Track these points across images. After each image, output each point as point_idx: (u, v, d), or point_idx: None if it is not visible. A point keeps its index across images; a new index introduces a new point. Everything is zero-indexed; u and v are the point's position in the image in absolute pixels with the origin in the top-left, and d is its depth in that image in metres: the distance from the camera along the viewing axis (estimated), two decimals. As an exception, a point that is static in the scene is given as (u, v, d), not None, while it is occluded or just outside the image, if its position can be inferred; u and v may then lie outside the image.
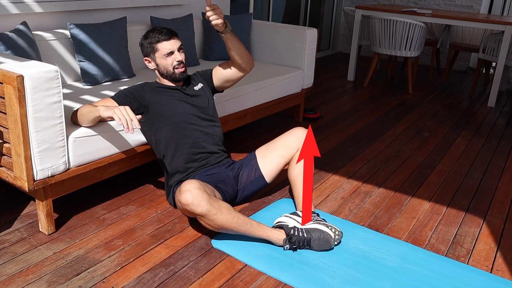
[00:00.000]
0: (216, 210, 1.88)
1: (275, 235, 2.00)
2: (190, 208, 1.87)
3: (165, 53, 2.20)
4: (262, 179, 2.33)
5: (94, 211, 2.30)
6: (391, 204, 2.53)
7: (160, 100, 2.25)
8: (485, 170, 3.04)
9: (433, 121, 4.02)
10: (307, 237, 1.99)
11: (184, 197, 1.86)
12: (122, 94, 2.22)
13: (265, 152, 2.35)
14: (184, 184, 1.91)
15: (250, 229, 1.97)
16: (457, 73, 6.14)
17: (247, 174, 2.33)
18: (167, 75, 2.26)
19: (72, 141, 2.01)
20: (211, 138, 2.32)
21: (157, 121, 2.24)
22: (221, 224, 1.90)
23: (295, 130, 2.34)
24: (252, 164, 2.33)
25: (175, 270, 1.89)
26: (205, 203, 1.86)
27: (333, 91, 4.85)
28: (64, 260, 1.91)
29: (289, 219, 2.06)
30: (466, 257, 2.10)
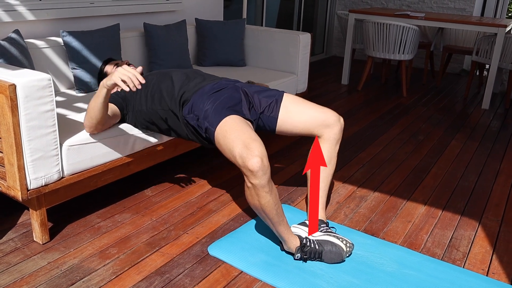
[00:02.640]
0: (269, 189, 1.80)
1: (293, 241, 1.96)
2: (250, 174, 1.76)
3: (112, 67, 2.43)
4: (274, 122, 2.17)
5: (88, 219, 2.28)
6: (386, 208, 2.53)
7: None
8: (480, 172, 3.05)
9: (427, 124, 4.03)
10: (319, 249, 1.96)
11: (253, 162, 1.74)
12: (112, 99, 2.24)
13: (293, 104, 2.17)
14: (254, 145, 1.77)
15: (279, 223, 1.89)
16: (451, 75, 6.16)
17: (265, 103, 2.16)
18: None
19: (66, 149, 2.00)
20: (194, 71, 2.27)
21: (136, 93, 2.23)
22: (264, 204, 1.82)
23: (330, 112, 2.17)
24: (275, 101, 2.17)
25: (171, 278, 1.88)
26: (266, 178, 1.77)
27: (328, 95, 4.86)
28: (59, 269, 1.90)
29: (299, 230, 2.04)
30: (462, 260, 2.10)
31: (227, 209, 2.43)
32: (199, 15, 4.01)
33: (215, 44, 3.61)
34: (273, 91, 2.23)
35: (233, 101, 2.08)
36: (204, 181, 2.74)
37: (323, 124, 2.16)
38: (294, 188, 2.71)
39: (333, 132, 2.17)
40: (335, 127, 2.17)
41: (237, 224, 2.29)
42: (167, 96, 2.16)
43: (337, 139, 2.19)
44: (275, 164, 3.03)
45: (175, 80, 2.20)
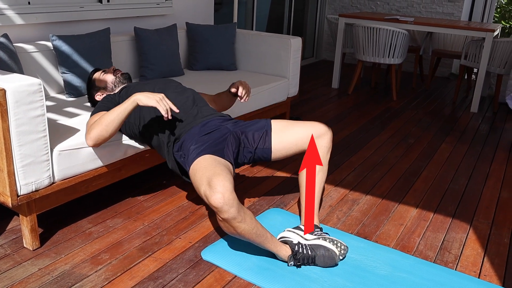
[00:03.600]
0: (241, 218, 1.80)
1: (282, 251, 1.96)
2: (217, 211, 1.78)
3: (100, 74, 2.45)
4: (268, 153, 2.21)
5: (79, 225, 2.26)
6: (378, 211, 2.54)
7: (125, 92, 2.32)
8: (470, 175, 3.07)
9: (417, 128, 4.05)
10: (312, 254, 1.95)
11: (215, 200, 1.76)
12: (100, 104, 2.25)
13: (281, 130, 2.21)
14: (215, 182, 1.78)
15: (264, 242, 1.90)
16: (440, 79, 6.21)
17: (257, 138, 2.19)
18: (114, 83, 2.43)
19: (57, 154, 1.98)
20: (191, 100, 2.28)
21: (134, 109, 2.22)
22: (241, 232, 1.83)
23: (317, 124, 2.23)
24: (266, 132, 2.20)
25: (164, 284, 1.87)
26: (234, 210, 1.77)
27: (318, 99, 4.87)
28: (50, 276, 1.87)
29: (293, 235, 2.04)
30: (454, 263, 2.11)
31: (219, 214, 2.42)
32: (190, 19, 4.00)
33: (206, 48, 3.61)
34: (261, 122, 2.27)
35: (217, 142, 2.10)
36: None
37: (314, 136, 2.19)
38: (286, 192, 2.71)
39: (324, 141, 2.22)
40: (325, 137, 2.22)
41: (229, 229, 2.28)
42: (160, 124, 2.19)
43: (328, 148, 2.23)
44: (266, 169, 3.03)
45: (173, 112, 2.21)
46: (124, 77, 2.46)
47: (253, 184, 2.80)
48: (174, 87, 2.36)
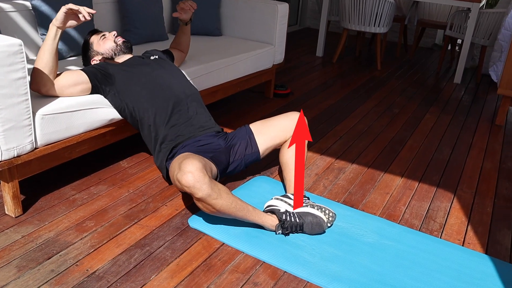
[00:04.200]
0: (217, 194, 1.79)
1: (268, 221, 1.95)
2: (190, 191, 1.78)
3: (99, 37, 2.33)
4: (257, 155, 2.28)
5: (63, 191, 2.21)
6: (364, 180, 2.54)
7: (123, 67, 2.24)
8: (453, 146, 3.10)
9: (402, 98, 4.06)
10: (300, 222, 1.95)
11: (186, 179, 1.75)
12: (87, 67, 2.18)
13: (262, 129, 2.29)
14: (185, 164, 1.79)
15: (246, 215, 1.90)
16: (423, 49, 6.21)
17: (244, 147, 2.24)
18: (114, 52, 2.33)
19: (40, 118, 1.91)
20: (190, 98, 2.27)
21: (127, 84, 2.18)
22: (219, 209, 1.82)
23: (291, 114, 2.31)
24: (250, 139, 2.26)
25: (151, 251, 1.85)
26: (206, 187, 1.76)
27: (302, 67, 4.82)
28: (34, 243, 1.83)
29: (280, 202, 2.02)
30: (439, 231, 2.14)
31: (206, 181, 2.39)
32: (173, -18, 3.87)
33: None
34: (242, 130, 2.30)
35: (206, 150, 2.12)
36: (181, 152, 2.68)
37: (291, 125, 2.28)
38: (272, 160, 2.69)
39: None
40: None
41: (216, 196, 2.26)
42: (157, 119, 2.16)
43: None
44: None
45: (174, 110, 2.18)
46: (125, 45, 2.35)
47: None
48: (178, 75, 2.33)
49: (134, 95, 2.17)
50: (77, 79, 2.09)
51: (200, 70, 2.80)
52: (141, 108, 2.16)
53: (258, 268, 1.80)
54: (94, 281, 1.67)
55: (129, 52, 2.37)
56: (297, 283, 1.74)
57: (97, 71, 2.16)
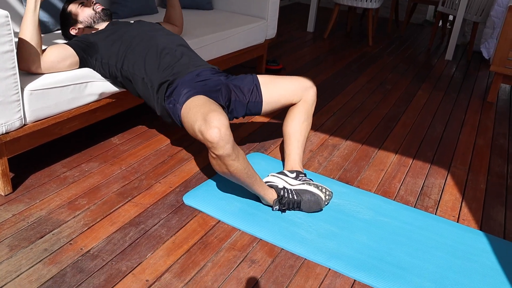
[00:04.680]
0: (235, 155, 1.73)
1: (269, 194, 1.93)
2: (212, 146, 1.70)
3: (77, 6, 2.25)
4: (259, 106, 2.16)
5: (53, 169, 2.16)
6: (359, 156, 2.53)
7: (104, 33, 2.18)
8: (446, 122, 3.10)
9: (394, 74, 4.03)
10: (297, 199, 1.93)
11: (212, 134, 1.67)
12: (74, 41, 2.12)
13: (269, 83, 2.17)
14: (212, 117, 1.70)
15: (253, 183, 1.85)
16: (414, 25, 6.17)
17: (249, 91, 2.14)
18: (93, 19, 2.26)
19: (28, 94, 1.85)
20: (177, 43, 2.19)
21: (111, 46, 2.12)
22: (233, 171, 1.76)
23: (303, 79, 2.20)
24: (255, 86, 2.15)
25: (146, 229, 1.82)
26: (229, 147, 1.70)
27: (293, 42, 4.76)
28: (25, 222, 1.79)
29: (277, 179, 2.00)
30: (434, 207, 2.14)
31: (199, 158, 2.36)
32: (162, -47, 3.75)
33: (180, -15, 3.41)
34: (248, 77, 2.18)
35: (211, 90, 2.02)
36: (173, 129, 2.64)
37: (300, 89, 2.18)
38: (266, 136, 2.66)
39: (310, 94, 2.19)
40: (311, 90, 2.20)
41: (210, 173, 2.23)
42: (147, 65, 2.06)
43: (313, 100, 2.21)
44: (246, 112, 2.96)
45: (161, 53, 2.08)
46: (105, 13, 2.27)
47: (231, 127, 2.73)
48: (162, 31, 2.24)
49: (119, 54, 2.10)
50: (64, 54, 2.02)
51: (190, 45, 2.73)
52: (129, 64, 2.08)
53: (255, 245, 1.78)
54: (88, 260, 1.64)
55: (108, 20, 2.30)
56: (294, 260, 1.73)
57: (80, 42, 2.10)
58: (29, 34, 1.88)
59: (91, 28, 2.26)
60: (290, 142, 2.17)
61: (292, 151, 2.16)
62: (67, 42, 2.08)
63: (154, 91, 2.05)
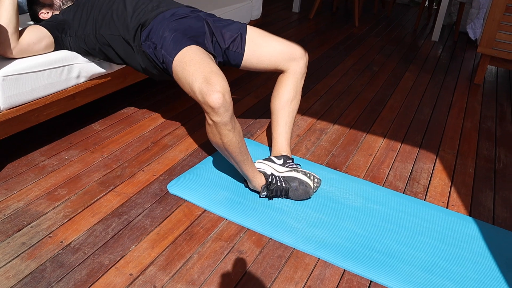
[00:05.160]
0: (232, 126, 1.66)
1: (258, 179, 1.86)
2: (210, 111, 1.61)
3: None
4: (239, 58, 2.04)
5: (31, 157, 2.07)
6: (347, 141, 2.49)
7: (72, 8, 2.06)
8: (434, 105, 3.06)
9: (380, 56, 3.98)
10: (286, 186, 1.87)
11: (214, 99, 1.58)
12: (44, 22, 2.00)
13: (257, 38, 2.03)
14: (214, 79, 1.61)
15: (244, 162, 1.78)
16: (400, 5, 6.10)
17: (230, 38, 2.01)
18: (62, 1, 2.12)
19: (1, 80, 1.75)
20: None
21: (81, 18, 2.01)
22: (226, 142, 1.69)
23: (296, 46, 2.07)
24: (240, 35, 2.01)
25: (129, 220, 1.75)
26: (228, 115, 1.62)
27: (278, 23, 4.66)
28: (2, 214, 1.71)
29: (264, 165, 1.93)
30: (423, 193, 2.11)
31: (184, 144, 2.29)
32: None
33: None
34: (236, 24, 2.06)
35: (196, 32, 1.89)
36: (157, 114, 2.56)
37: (289, 58, 2.05)
38: (252, 120, 2.60)
39: (299, 66, 2.07)
40: (301, 61, 2.07)
41: (196, 160, 2.17)
42: (117, 20, 1.92)
43: (302, 73, 2.09)
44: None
45: (128, 2, 1.96)
46: None
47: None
48: None
49: (90, 20, 1.99)
50: (39, 35, 1.92)
51: (174, 26, 2.63)
52: (103, 26, 1.96)
53: (243, 235, 1.73)
54: (69, 253, 1.57)
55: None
56: (283, 250, 1.68)
57: (51, 22, 2.00)
58: (8, 17, 1.77)
59: (59, 11, 2.15)
60: (277, 125, 2.10)
61: (280, 135, 2.10)
62: (39, 23, 1.98)
63: (131, 42, 1.92)
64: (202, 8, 2.94)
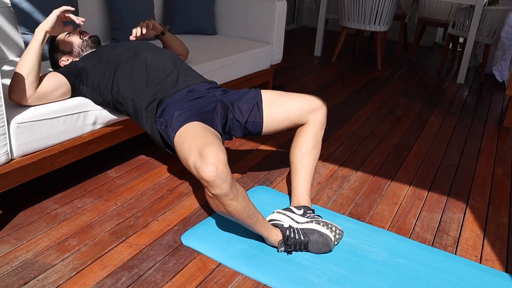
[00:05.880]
0: (234, 195, 1.59)
1: (273, 235, 1.77)
2: (207, 185, 1.56)
3: (64, 36, 2.14)
4: (259, 127, 2.00)
5: (44, 205, 2.02)
6: (370, 189, 2.37)
7: (92, 57, 2.07)
8: (461, 150, 2.94)
9: (404, 99, 3.89)
10: (305, 240, 1.77)
11: (207, 172, 1.53)
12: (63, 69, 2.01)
13: (273, 101, 2.00)
14: (208, 153, 1.56)
15: (255, 223, 1.70)
16: (423, 48, 6.06)
17: (248, 109, 1.98)
18: (81, 48, 2.14)
19: (15, 127, 1.72)
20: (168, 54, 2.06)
21: (100, 69, 2.01)
22: (231, 211, 1.62)
23: (312, 98, 2.03)
24: (256, 104, 1.99)
25: (140, 273, 1.67)
26: (227, 186, 1.56)
27: (300, 67, 4.65)
28: (9, 266, 1.65)
29: (283, 217, 1.84)
30: (454, 246, 1.97)
31: (200, 192, 2.21)
32: (165, -22, 3.68)
33: (183, 10, 3.32)
34: (251, 93, 2.03)
35: (205, 110, 1.88)
36: (173, 160, 2.50)
37: (308, 111, 2.01)
38: (271, 167, 2.52)
39: (318, 116, 2.03)
40: (320, 111, 2.03)
41: (211, 209, 2.08)
42: (135, 82, 1.94)
43: (322, 123, 2.04)
44: (249, 142, 2.82)
45: (150, 69, 1.96)
46: (92, 40, 2.16)
47: (236, 158, 2.59)
48: (151, 47, 2.11)
49: (107, 75, 1.99)
50: (56, 82, 1.91)
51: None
52: (119, 84, 1.96)
53: (259, 292, 1.62)
54: (75, 310, 1.48)
55: (96, 47, 2.18)
56: (302, 309, 1.56)
57: (70, 69, 2.00)
58: (31, 66, 1.79)
59: (79, 57, 2.15)
60: (297, 174, 2.03)
61: (300, 184, 2.01)
62: (57, 70, 1.97)
63: (142, 110, 1.92)
64: (224, 54, 2.93)
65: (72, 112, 1.93)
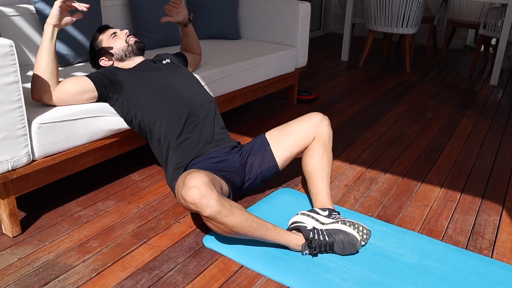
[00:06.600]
0: (228, 211, 1.58)
1: (293, 240, 1.72)
2: (197, 208, 1.57)
3: (109, 35, 2.11)
4: (275, 169, 2.06)
5: (67, 207, 2.02)
6: (399, 191, 2.28)
7: (133, 73, 2.04)
8: (496, 152, 2.81)
9: (434, 101, 3.78)
10: (329, 240, 1.70)
11: (190, 195, 1.55)
12: (93, 73, 1.98)
13: (278, 138, 2.08)
14: (189, 178, 1.59)
15: (266, 233, 1.67)
16: (454, 51, 5.90)
17: (260, 162, 2.04)
18: (125, 52, 2.10)
19: (37, 128, 1.72)
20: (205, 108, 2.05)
21: (136, 92, 1.97)
22: (233, 228, 1.61)
23: (311, 115, 2.10)
24: (266, 151, 2.06)
25: (161, 275, 1.63)
26: (215, 203, 1.55)
27: (327, 72, 4.59)
28: (31, 266, 1.64)
29: (307, 218, 1.78)
30: (489, 249, 1.86)
31: (223, 195, 2.17)
32: (189, -15, 3.70)
33: (207, 15, 3.32)
34: (257, 143, 2.08)
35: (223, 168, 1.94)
36: (197, 163, 2.47)
37: (311, 128, 2.07)
38: (297, 169, 2.46)
39: (321, 128, 2.06)
40: (322, 124, 2.07)
41: (235, 211, 2.03)
42: (168, 132, 1.95)
43: (328, 134, 2.07)
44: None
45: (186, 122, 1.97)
46: (137, 46, 2.12)
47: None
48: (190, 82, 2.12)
49: (143, 104, 1.96)
50: (83, 87, 1.90)
51: (216, 74, 2.59)
52: (150, 119, 1.95)
53: (282, 295, 1.56)
54: (94, 311, 1.46)
55: (140, 54, 2.15)
56: (327, 313, 1.49)
57: (104, 77, 1.96)
58: (44, 63, 1.79)
59: (121, 62, 2.12)
60: (313, 181, 1.98)
61: (319, 189, 1.95)
62: (89, 74, 1.96)
63: (169, 160, 1.96)
64: (247, 56, 2.90)
65: (94, 115, 1.92)
